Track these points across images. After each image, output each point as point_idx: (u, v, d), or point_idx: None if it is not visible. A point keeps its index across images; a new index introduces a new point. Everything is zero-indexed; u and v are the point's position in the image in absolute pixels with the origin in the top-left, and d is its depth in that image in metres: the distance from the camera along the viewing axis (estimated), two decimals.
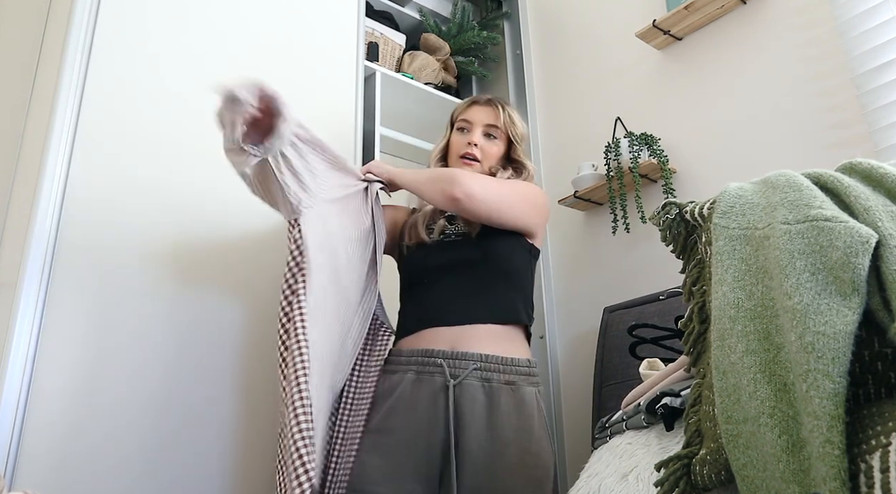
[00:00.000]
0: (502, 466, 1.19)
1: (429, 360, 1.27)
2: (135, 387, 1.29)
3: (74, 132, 1.33)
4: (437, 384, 1.25)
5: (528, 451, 1.21)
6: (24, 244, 1.23)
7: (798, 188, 0.65)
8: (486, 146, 1.49)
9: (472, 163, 1.47)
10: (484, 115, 1.51)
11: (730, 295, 0.62)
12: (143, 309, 1.34)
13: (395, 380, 1.28)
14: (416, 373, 1.27)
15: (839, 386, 0.48)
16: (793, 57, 1.70)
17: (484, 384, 1.24)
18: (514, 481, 1.19)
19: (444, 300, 1.33)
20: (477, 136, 1.49)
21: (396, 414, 1.23)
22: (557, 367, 2.07)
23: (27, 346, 1.18)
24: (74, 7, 1.38)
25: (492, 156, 1.50)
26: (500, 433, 1.21)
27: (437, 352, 1.27)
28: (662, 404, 0.90)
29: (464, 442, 1.20)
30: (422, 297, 1.37)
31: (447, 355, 1.26)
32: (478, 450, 1.19)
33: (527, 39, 2.49)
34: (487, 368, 1.26)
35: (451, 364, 1.26)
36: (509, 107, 1.54)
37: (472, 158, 1.47)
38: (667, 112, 1.96)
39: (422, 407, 1.23)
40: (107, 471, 1.22)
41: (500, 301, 1.34)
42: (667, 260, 1.04)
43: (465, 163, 1.47)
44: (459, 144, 1.50)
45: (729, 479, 0.60)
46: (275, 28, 1.73)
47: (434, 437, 1.21)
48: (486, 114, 1.51)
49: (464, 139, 1.50)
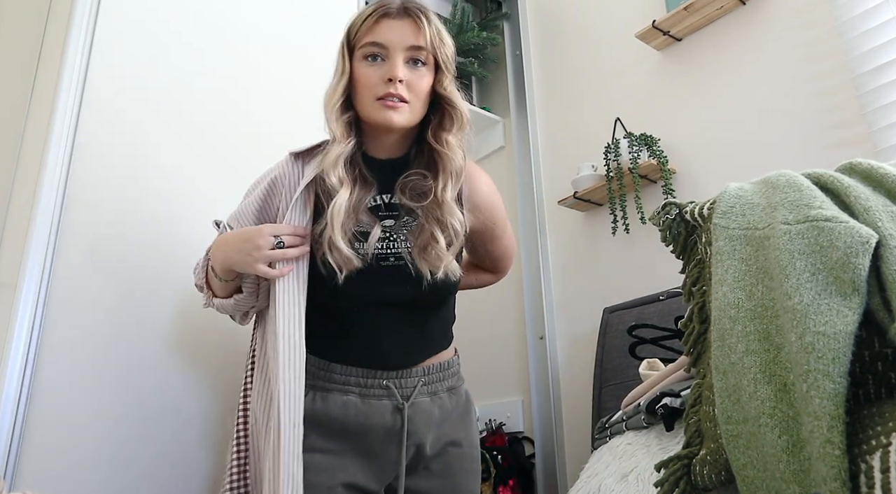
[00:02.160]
0: (459, 469, 1.15)
1: (372, 382, 1.09)
2: (135, 387, 1.29)
3: (74, 132, 1.32)
4: (385, 407, 1.08)
5: (473, 445, 1.19)
6: (24, 244, 1.23)
7: (798, 188, 0.65)
8: (412, 79, 1.06)
9: (399, 105, 1.05)
10: (403, 34, 1.06)
11: (730, 296, 0.62)
12: (143, 308, 1.34)
13: (335, 401, 1.07)
14: (359, 396, 1.08)
15: (839, 387, 0.48)
16: (792, 57, 1.70)
17: (432, 397, 1.13)
18: (467, 479, 1.16)
19: (382, 337, 1.10)
20: (399, 68, 1.05)
21: (343, 438, 1.07)
22: (557, 367, 2.07)
23: (27, 346, 1.18)
24: (74, 7, 1.38)
25: (421, 91, 1.08)
26: (452, 438, 1.15)
27: (379, 374, 1.09)
28: (662, 404, 0.90)
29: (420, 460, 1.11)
30: (351, 325, 1.10)
31: (391, 375, 1.09)
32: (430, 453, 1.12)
33: (526, 40, 2.49)
34: (431, 380, 1.13)
35: (398, 384, 1.09)
36: (432, 14, 1.11)
37: (397, 100, 1.05)
38: (666, 112, 1.96)
39: (372, 433, 1.08)
40: (107, 471, 1.22)
41: (437, 340, 1.17)
42: (667, 261, 1.03)
43: (387, 107, 1.05)
44: (374, 81, 1.06)
45: (729, 479, 0.60)
46: (275, 28, 1.73)
47: (385, 459, 1.09)
48: (406, 31, 1.07)
49: (379, 73, 1.06)
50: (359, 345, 1.10)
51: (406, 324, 1.11)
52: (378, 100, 1.05)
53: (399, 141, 1.13)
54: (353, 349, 1.10)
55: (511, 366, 2.20)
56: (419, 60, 1.08)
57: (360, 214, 1.09)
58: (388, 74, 1.05)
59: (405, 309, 1.11)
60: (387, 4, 1.09)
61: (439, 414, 1.14)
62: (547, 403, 2.03)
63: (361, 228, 1.08)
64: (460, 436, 1.17)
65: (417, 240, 1.09)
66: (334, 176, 1.05)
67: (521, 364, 2.17)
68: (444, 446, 1.14)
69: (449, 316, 1.21)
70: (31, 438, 1.15)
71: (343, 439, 1.07)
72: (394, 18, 1.07)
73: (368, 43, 1.07)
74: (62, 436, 1.19)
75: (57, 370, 1.21)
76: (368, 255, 1.07)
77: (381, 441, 1.09)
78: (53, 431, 1.18)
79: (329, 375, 1.09)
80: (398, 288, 1.09)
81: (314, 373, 1.08)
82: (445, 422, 1.15)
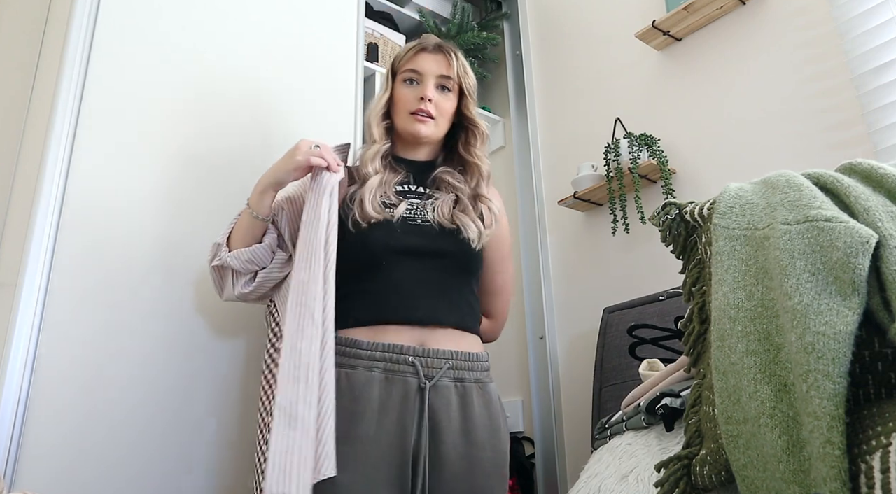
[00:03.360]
0: (480, 471, 1.14)
1: (398, 357, 1.14)
2: (135, 387, 1.29)
3: (74, 132, 1.32)
4: (410, 385, 1.13)
5: (498, 450, 1.19)
6: (24, 244, 1.23)
7: (798, 188, 0.65)
8: (439, 100, 1.32)
9: (427, 120, 1.30)
10: (436, 65, 1.33)
11: (730, 296, 0.62)
12: (143, 308, 1.34)
13: (359, 378, 1.12)
14: (383, 371, 1.13)
15: (839, 387, 0.48)
16: (792, 57, 1.70)
17: (457, 384, 1.16)
18: (490, 482, 1.16)
19: (407, 292, 1.18)
20: (430, 90, 1.31)
21: (364, 420, 1.10)
22: (557, 368, 2.07)
23: (27, 346, 1.18)
24: (74, 7, 1.38)
25: (446, 111, 1.33)
26: (475, 436, 1.15)
27: (406, 349, 1.15)
28: (662, 404, 0.90)
29: (440, 450, 1.11)
30: (378, 284, 1.19)
31: (418, 352, 1.15)
32: (455, 457, 1.12)
33: (526, 40, 2.49)
34: (459, 366, 1.17)
35: (424, 363, 1.14)
36: (460, 53, 1.37)
37: (426, 115, 1.30)
38: (666, 112, 1.96)
39: (394, 412, 1.11)
40: (107, 471, 1.22)
41: (464, 312, 1.24)
42: (667, 261, 1.04)
43: (418, 121, 1.30)
44: (409, 99, 1.31)
45: (729, 480, 0.60)
46: (275, 29, 1.73)
47: (407, 444, 1.10)
48: (438, 63, 1.33)
49: (414, 93, 1.31)
50: (387, 299, 1.18)
51: (433, 281, 1.21)
52: (411, 115, 1.31)
53: (426, 149, 1.37)
54: (380, 304, 1.18)
55: (511, 366, 2.20)
56: (447, 87, 1.34)
57: (389, 190, 1.28)
58: (421, 94, 1.31)
59: (431, 264, 1.21)
60: (425, 42, 1.36)
61: (459, 404, 1.15)
62: (547, 403, 2.03)
63: (390, 200, 1.26)
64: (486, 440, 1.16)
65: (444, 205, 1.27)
66: (371, 167, 1.28)
67: (521, 364, 2.17)
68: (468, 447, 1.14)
69: (473, 297, 1.29)
70: (31, 438, 1.15)
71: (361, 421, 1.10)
72: (430, 52, 1.34)
73: (408, 69, 1.34)
74: (62, 436, 1.19)
75: (57, 370, 1.21)
76: (395, 217, 1.23)
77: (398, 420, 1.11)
78: (53, 431, 1.18)
79: (355, 351, 1.15)
80: (423, 239, 1.22)
81: (341, 351, 1.14)
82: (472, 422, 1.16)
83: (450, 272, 1.23)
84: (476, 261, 1.27)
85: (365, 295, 1.19)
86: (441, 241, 1.23)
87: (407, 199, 1.27)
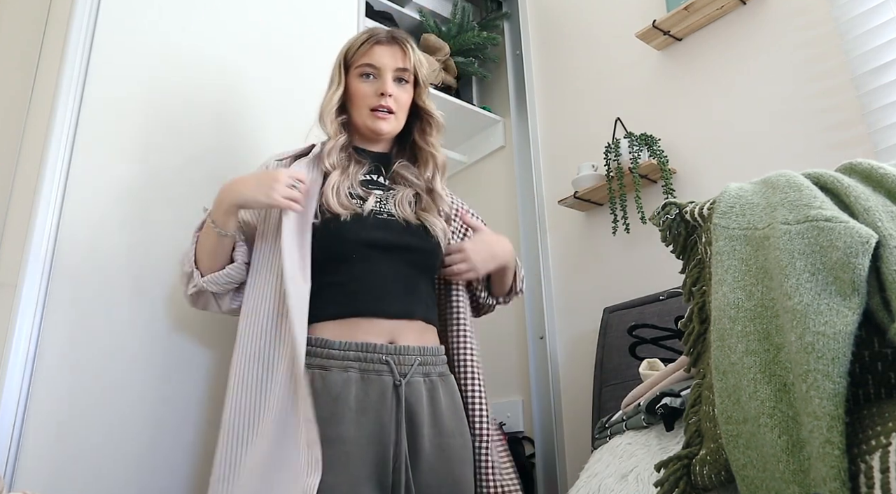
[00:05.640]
0: (455, 458, 1.18)
1: (372, 356, 1.15)
2: (135, 388, 1.29)
3: (74, 132, 1.32)
4: (385, 384, 1.14)
5: (465, 436, 1.22)
6: (24, 244, 1.23)
7: (798, 188, 0.65)
8: (398, 94, 1.30)
9: (387, 116, 1.29)
10: (392, 58, 1.30)
11: (730, 296, 0.62)
12: (143, 309, 1.34)
13: (335, 380, 1.12)
14: (359, 371, 1.14)
15: (839, 387, 0.48)
16: (793, 58, 1.70)
17: (425, 379, 1.19)
18: (464, 468, 1.19)
19: (378, 284, 1.20)
20: (389, 85, 1.29)
21: (344, 421, 1.10)
22: (557, 367, 2.07)
23: (27, 346, 1.18)
24: (74, 7, 1.38)
25: (405, 104, 1.32)
26: (443, 425, 1.18)
27: (379, 347, 1.15)
28: (662, 404, 0.90)
29: (417, 443, 1.14)
30: (349, 276, 1.19)
31: (390, 350, 1.16)
32: (430, 448, 1.15)
33: (527, 40, 2.49)
34: (426, 362, 1.20)
35: (397, 360, 1.16)
36: (413, 42, 1.35)
37: (386, 111, 1.29)
38: (667, 112, 1.96)
39: (372, 411, 1.12)
40: (107, 471, 1.22)
41: (428, 306, 1.27)
42: (667, 261, 1.04)
43: (379, 118, 1.29)
44: (368, 95, 1.29)
45: (729, 479, 0.60)
46: (275, 29, 1.73)
47: (386, 441, 1.11)
48: (394, 55, 1.31)
49: (372, 88, 1.29)
50: (358, 292, 1.19)
51: (400, 275, 1.23)
52: (372, 112, 1.29)
53: (384, 142, 1.37)
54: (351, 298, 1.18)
55: (511, 366, 2.20)
56: (403, 79, 1.33)
57: (356, 181, 1.29)
58: (381, 90, 1.29)
59: (399, 258, 1.23)
60: (378, 33, 1.33)
61: (429, 397, 1.18)
62: (547, 403, 2.03)
63: (357, 192, 1.27)
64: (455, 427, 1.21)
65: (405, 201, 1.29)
66: (328, 161, 1.27)
67: (521, 363, 2.17)
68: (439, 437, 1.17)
69: (434, 292, 1.33)
70: (31, 438, 1.15)
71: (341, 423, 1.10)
72: (385, 45, 1.31)
73: (364, 64, 1.30)
74: (62, 436, 1.19)
75: (57, 370, 1.21)
76: (364, 210, 1.24)
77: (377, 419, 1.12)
78: (53, 431, 1.18)
79: (327, 352, 1.14)
80: (390, 234, 1.24)
81: (312, 352, 1.14)
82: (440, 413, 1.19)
83: (415, 267, 1.25)
84: (439, 258, 1.31)
85: (335, 288, 1.18)
86: (408, 237, 1.25)
87: (373, 192, 1.28)
